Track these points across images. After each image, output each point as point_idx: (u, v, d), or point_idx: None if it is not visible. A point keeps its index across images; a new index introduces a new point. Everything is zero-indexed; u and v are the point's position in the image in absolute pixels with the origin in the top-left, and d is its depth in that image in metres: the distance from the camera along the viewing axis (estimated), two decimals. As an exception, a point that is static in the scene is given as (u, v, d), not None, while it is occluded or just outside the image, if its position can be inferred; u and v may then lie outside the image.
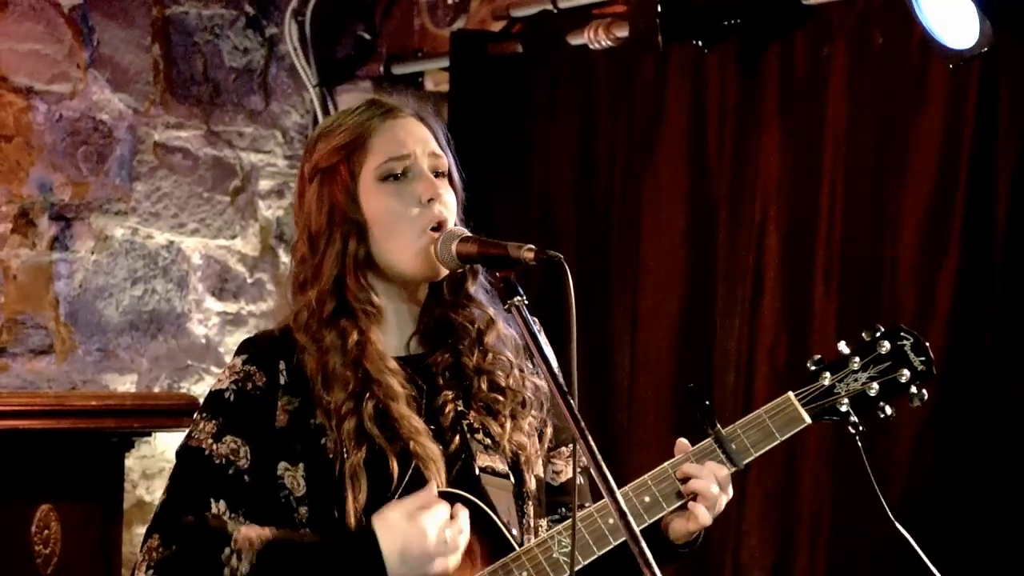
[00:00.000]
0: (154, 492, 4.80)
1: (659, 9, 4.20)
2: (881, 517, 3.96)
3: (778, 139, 4.30)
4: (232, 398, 2.74)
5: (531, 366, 2.89)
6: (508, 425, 2.81)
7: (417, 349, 2.85)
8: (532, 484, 2.83)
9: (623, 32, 4.45)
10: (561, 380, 2.55)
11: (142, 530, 2.74)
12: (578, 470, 2.84)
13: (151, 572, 2.65)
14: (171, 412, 4.33)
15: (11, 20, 4.63)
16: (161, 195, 4.95)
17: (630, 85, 4.60)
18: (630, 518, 2.47)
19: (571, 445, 2.89)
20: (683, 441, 2.87)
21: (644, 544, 2.45)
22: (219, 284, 5.08)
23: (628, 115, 4.61)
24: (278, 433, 2.72)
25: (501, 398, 2.82)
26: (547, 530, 2.80)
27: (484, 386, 2.82)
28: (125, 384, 4.83)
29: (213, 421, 2.73)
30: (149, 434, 4.51)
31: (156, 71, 4.96)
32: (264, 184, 5.20)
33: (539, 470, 2.86)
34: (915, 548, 3.03)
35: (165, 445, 4.71)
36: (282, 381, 2.75)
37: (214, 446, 2.71)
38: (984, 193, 3.93)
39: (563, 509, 2.86)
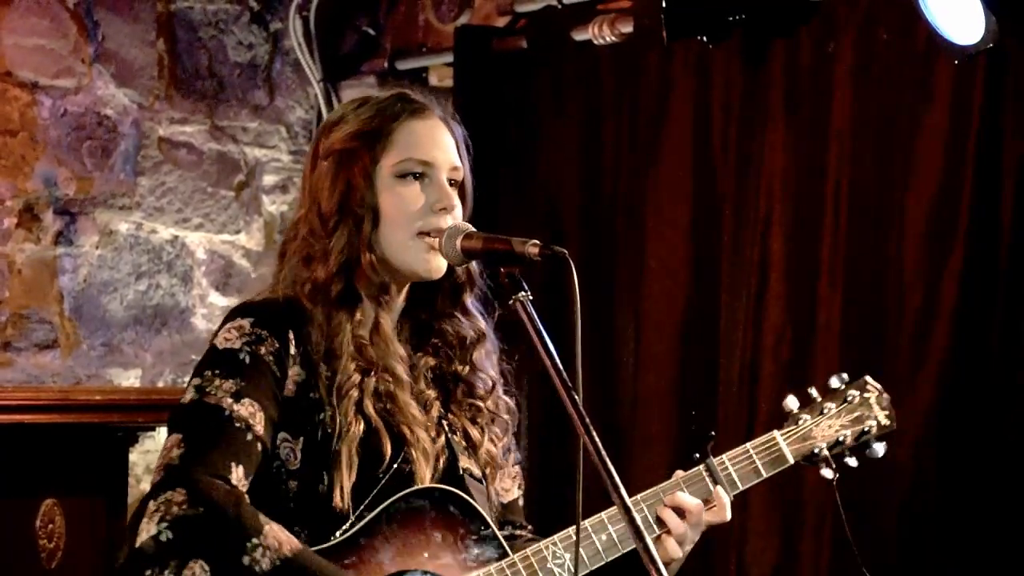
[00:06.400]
0: (158, 487, 4.79)
1: (663, 5, 4.19)
2: (884, 515, 3.98)
3: (783, 135, 4.30)
4: (247, 360, 2.67)
5: (509, 384, 2.92)
6: (486, 434, 2.84)
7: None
8: (495, 497, 2.86)
9: (628, 28, 4.44)
10: (565, 376, 2.55)
11: (147, 525, 2.70)
12: (517, 486, 2.91)
13: (164, 525, 2.52)
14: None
15: (16, 15, 4.63)
16: (165, 190, 4.95)
17: (635, 81, 4.59)
18: (635, 514, 2.47)
19: (516, 467, 2.93)
20: (680, 473, 2.92)
21: (649, 541, 2.46)
22: (223, 279, 5.08)
23: (632, 111, 4.60)
24: (285, 403, 2.68)
25: (481, 406, 2.85)
26: None
27: (464, 393, 2.84)
28: (129, 379, 4.83)
29: (230, 380, 2.65)
30: (153, 429, 4.51)
31: (161, 66, 4.96)
32: (268, 179, 5.20)
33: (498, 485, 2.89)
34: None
35: (169, 440, 4.70)
36: (292, 351, 2.70)
37: (234, 407, 2.63)
38: (990, 190, 3.92)
39: (509, 527, 2.87)
